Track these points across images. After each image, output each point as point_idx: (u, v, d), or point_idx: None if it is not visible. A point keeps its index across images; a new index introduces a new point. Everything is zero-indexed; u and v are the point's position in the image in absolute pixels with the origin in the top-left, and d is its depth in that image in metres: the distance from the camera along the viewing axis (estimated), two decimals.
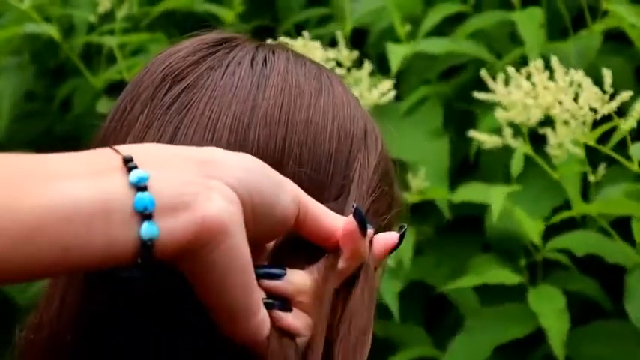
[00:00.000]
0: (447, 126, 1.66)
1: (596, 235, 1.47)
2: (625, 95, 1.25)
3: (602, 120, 1.28)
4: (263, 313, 0.56)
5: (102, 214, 0.50)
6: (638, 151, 1.29)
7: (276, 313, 0.57)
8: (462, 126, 1.62)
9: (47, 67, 2.08)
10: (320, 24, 1.92)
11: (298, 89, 0.64)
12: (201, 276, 0.54)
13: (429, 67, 1.73)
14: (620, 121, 1.27)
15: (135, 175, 0.51)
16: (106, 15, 1.89)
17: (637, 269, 1.38)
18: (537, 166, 1.45)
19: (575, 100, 1.27)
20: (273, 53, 0.66)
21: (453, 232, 1.63)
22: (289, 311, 0.57)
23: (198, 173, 0.53)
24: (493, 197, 1.41)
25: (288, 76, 0.64)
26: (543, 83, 1.30)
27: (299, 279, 0.58)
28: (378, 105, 1.54)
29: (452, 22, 1.74)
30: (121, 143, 0.59)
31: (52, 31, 1.81)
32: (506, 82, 1.35)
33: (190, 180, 0.53)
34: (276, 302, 0.57)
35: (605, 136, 1.31)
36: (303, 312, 0.58)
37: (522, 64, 1.53)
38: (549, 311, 1.41)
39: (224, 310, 0.55)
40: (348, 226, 0.58)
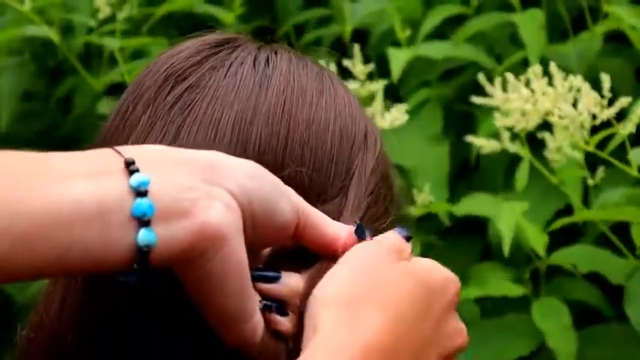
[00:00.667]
0: (447, 128, 1.66)
1: (601, 251, 1.45)
2: (624, 101, 1.25)
3: (602, 124, 1.28)
4: (257, 318, 0.56)
5: (100, 217, 0.50)
6: (638, 157, 1.28)
7: (272, 316, 0.57)
8: (462, 128, 1.62)
9: (46, 67, 2.08)
10: (319, 25, 1.91)
11: (300, 89, 0.64)
12: (197, 283, 0.54)
13: (428, 69, 1.73)
14: (619, 126, 1.27)
15: (135, 179, 0.51)
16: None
17: (637, 273, 1.38)
18: (536, 170, 1.44)
19: (574, 105, 1.27)
20: (276, 54, 0.66)
21: (453, 235, 1.62)
22: (286, 315, 0.57)
23: (199, 178, 0.53)
24: (503, 215, 1.38)
25: (290, 77, 0.64)
26: (542, 89, 1.29)
27: (294, 282, 0.58)
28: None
29: (452, 24, 1.74)
30: (123, 143, 0.59)
31: (52, 34, 1.80)
32: (504, 87, 1.35)
33: (191, 185, 0.52)
34: (274, 305, 0.57)
35: (603, 140, 1.30)
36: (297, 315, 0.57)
37: (523, 65, 1.53)
38: (555, 328, 1.39)
39: (219, 314, 0.55)
40: (349, 240, 0.58)
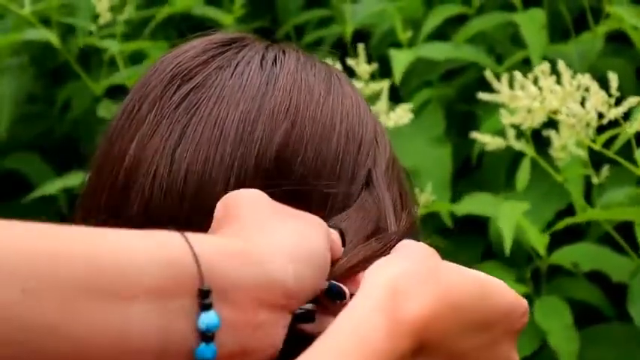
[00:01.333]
0: (449, 128, 1.65)
1: (604, 249, 1.45)
2: (632, 101, 1.24)
3: (607, 123, 1.27)
4: None
5: (156, 351, 0.47)
6: None
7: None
8: (464, 127, 1.61)
9: (46, 69, 2.07)
10: (320, 26, 1.91)
11: (307, 89, 0.63)
12: None
13: (430, 69, 1.72)
14: (625, 125, 1.26)
15: (205, 320, 0.47)
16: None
17: None
18: (538, 169, 1.44)
19: (582, 104, 1.27)
20: (284, 53, 0.65)
21: (454, 234, 1.61)
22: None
23: (267, 310, 0.50)
24: (504, 214, 1.38)
25: (297, 76, 0.64)
26: (550, 87, 1.28)
27: None
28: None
29: (453, 23, 1.73)
30: (128, 142, 0.59)
31: (52, 38, 1.80)
32: (511, 84, 1.34)
33: (264, 321, 0.49)
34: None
35: (608, 138, 1.30)
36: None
37: (523, 65, 1.53)
38: (557, 328, 1.39)
39: None
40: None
